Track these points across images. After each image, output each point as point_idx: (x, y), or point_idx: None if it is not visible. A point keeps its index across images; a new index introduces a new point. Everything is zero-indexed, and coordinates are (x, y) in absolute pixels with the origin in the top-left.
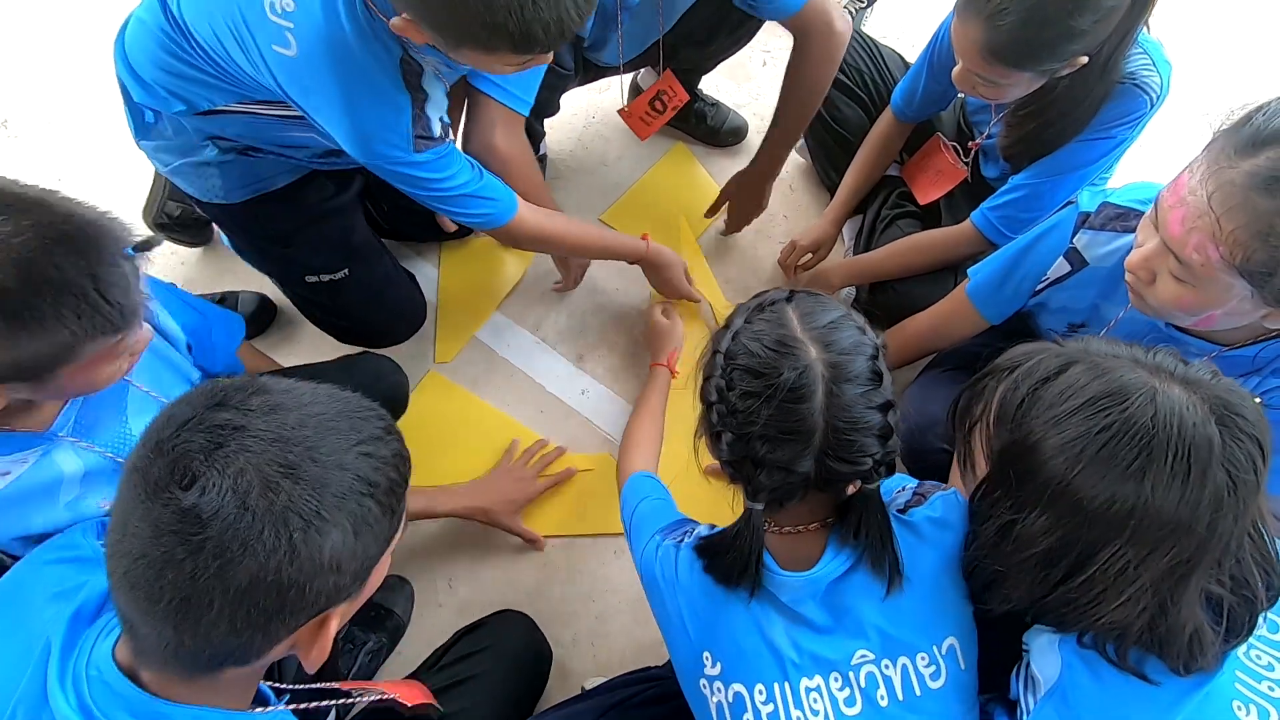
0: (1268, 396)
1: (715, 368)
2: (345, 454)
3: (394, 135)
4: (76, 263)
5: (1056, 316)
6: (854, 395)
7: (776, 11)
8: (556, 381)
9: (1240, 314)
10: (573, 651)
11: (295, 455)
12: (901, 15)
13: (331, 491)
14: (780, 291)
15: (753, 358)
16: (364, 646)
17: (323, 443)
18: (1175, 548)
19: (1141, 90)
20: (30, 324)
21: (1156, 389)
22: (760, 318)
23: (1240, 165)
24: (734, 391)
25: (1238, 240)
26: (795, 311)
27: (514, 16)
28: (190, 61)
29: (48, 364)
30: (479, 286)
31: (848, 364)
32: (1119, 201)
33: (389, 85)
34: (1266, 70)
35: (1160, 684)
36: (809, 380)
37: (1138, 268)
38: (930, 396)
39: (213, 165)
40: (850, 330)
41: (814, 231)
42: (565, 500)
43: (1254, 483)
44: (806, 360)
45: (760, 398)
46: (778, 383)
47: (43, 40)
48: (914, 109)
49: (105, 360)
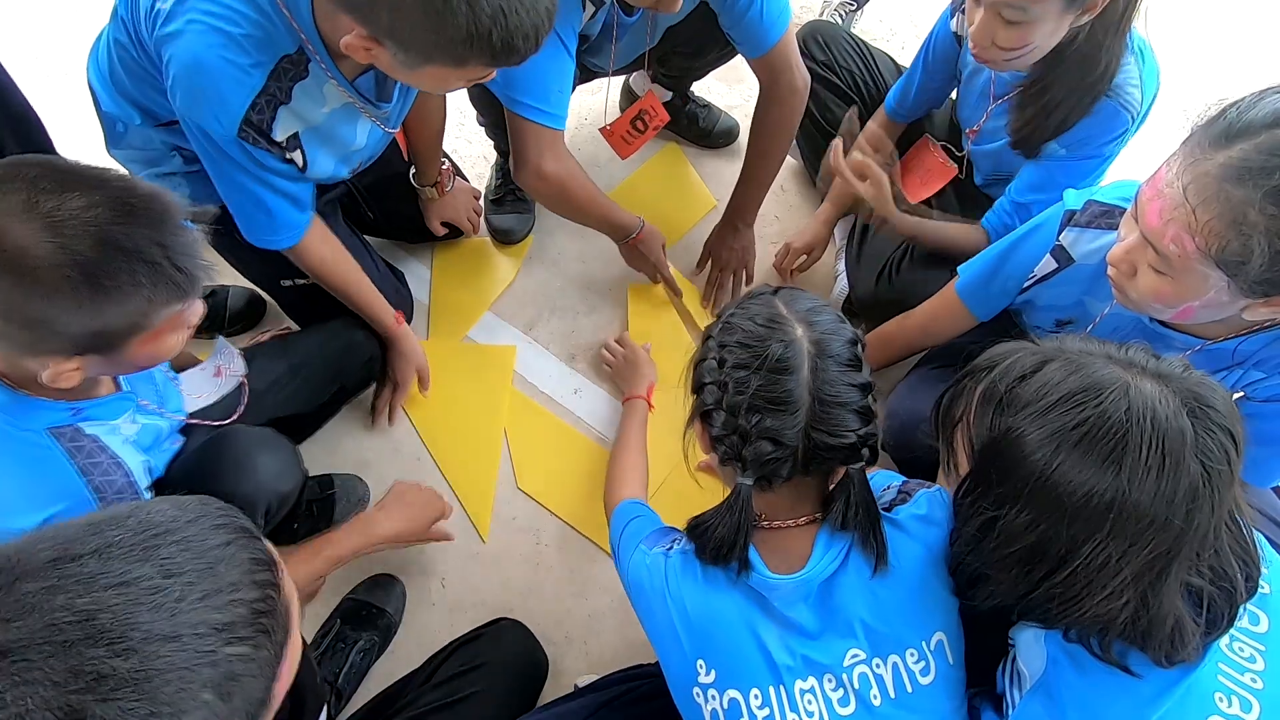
0: (1250, 389)
1: (707, 351)
2: (172, 618)
3: (223, 105)
4: (147, 233)
5: (1044, 313)
6: (836, 371)
7: (750, 45)
8: (549, 381)
9: (1218, 306)
10: (565, 650)
11: (94, 660)
12: (891, 18)
13: (163, 679)
14: (766, 286)
15: (743, 333)
16: (355, 645)
17: (130, 623)
18: (1154, 540)
19: (1122, 108)
20: (111, 291)
21: (1129, 383)
22: (749, 303)
23: (1214, 157)
24: (725, 366)
25: (1213, 230)
26: (781, 299)
27: (499, 26)
28: (145, 70)
29: (125, 333)
30: (471, 286)
31: (830, 342)
32: (1104, 199)
33: (250, 58)
34: (1245, 66)
35: (1144, 676)
36: (795, 353)
37: (1119, 261)
38: (919, 393)
39: (179, 175)
40: (830, 315)
41: (807, 233)
42: (562, 477)
43: (1228, 473)
44: (794, 335)
45: (750, 369)
46: (766, 353)
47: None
48: (908, 107)
49: (171, 330)
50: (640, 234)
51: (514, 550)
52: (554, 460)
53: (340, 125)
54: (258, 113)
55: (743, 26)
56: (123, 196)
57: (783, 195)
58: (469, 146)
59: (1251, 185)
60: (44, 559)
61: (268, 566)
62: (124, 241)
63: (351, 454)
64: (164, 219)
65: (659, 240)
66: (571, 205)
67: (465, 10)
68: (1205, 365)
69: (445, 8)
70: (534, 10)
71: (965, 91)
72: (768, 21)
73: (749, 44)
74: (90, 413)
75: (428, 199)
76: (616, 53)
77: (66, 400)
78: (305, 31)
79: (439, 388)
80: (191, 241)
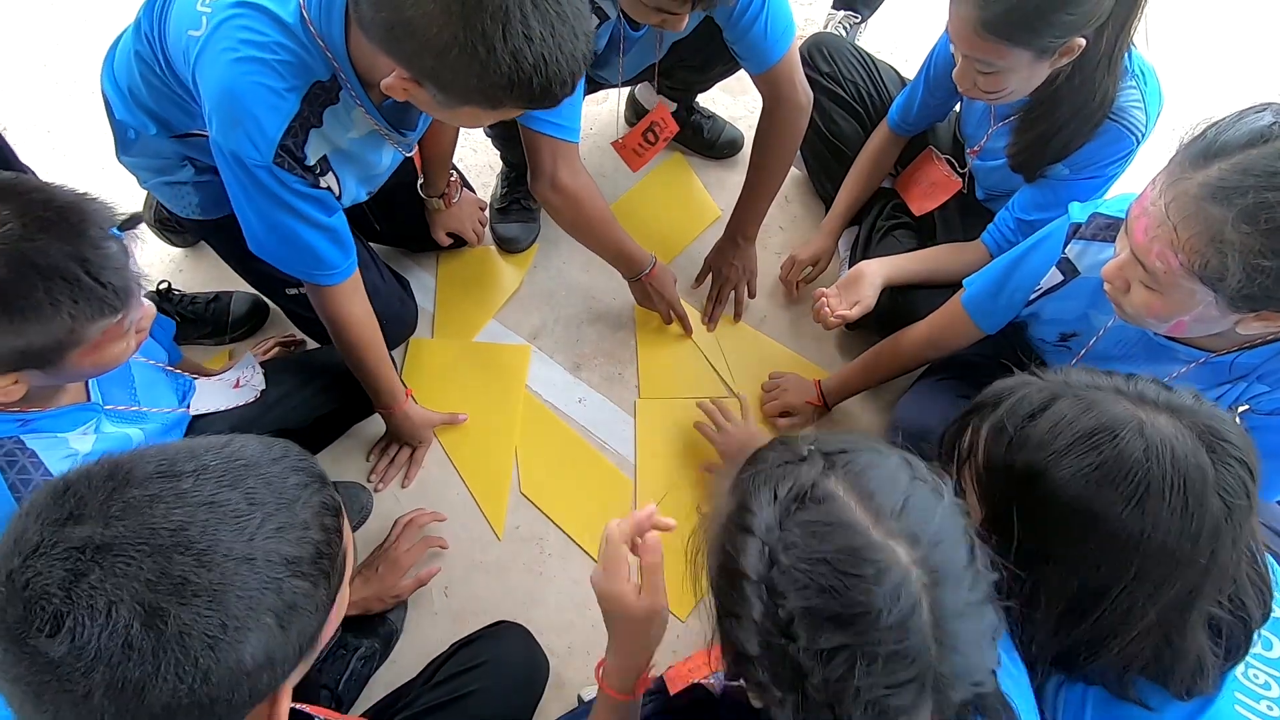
0: (1254, 402)
1: (748, 603)
2: (250, 542)
3: (259, 130)
4: (63, 248)
5: (1049, 326)
6: (961, 600)
7: (754, 61)
8: (554, 390)
9: (1210, 320)
10: (568, 661)
11: (180, 566)
12: (895, 32)
13: (236, 594)
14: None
15: (820, 594)
16: (356, 651)
17: (215, 539)
18: (1180, 579)
19: (1127, 130)
20: (28, 312)
21: (1144, 420)
22: (803, 514)
23: (1194, 176)
24: (796, 647)
25: (1194, 247)
26: (845, 487)
27: (539, 74)
28: (165, 83)
29: (55, 349)
30: (476, 295)
31: (946, 557)
32: (1108, 212)
33: (285, 82)
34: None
35: (1162, 712)
36: (907, 596)
37: (1113, 276)
38: (925, 405)
39: (189, 184)
40: (925, 496)
41: (812, 245)
42: (565, 485)
43: (1246, 506)
44: (900, 570)
45: (851, 653)
46: (879, 626)
47: (42, 47)
48: (910, 121)
49: (112, 340)
50: (653, 271)
51: (517, 559)
52: (559, 467)
53: (366, 150)
54: (292, 136)
55: (747, 42)
56: (37, 210)
57: (786, 206)
58: (474, 155)
59: (1227, 204)
60: (150, 470)
61: (335, 514)
62: (38, 259)
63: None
64: (83, 231)
65: (671, 278)
66: (585, 221)
67: (509, 59)
68: (1209, 378)
69: (490, 57)
70: (573, 58)
71: (967, 109)
72: (772, 39)
73: (753, 60)
74: (39, 424)
75: (434, 209)
76: (623, 66)
77: (16, 411)
78: (338, 60)
79: (454, 386)
80: (115, 253)
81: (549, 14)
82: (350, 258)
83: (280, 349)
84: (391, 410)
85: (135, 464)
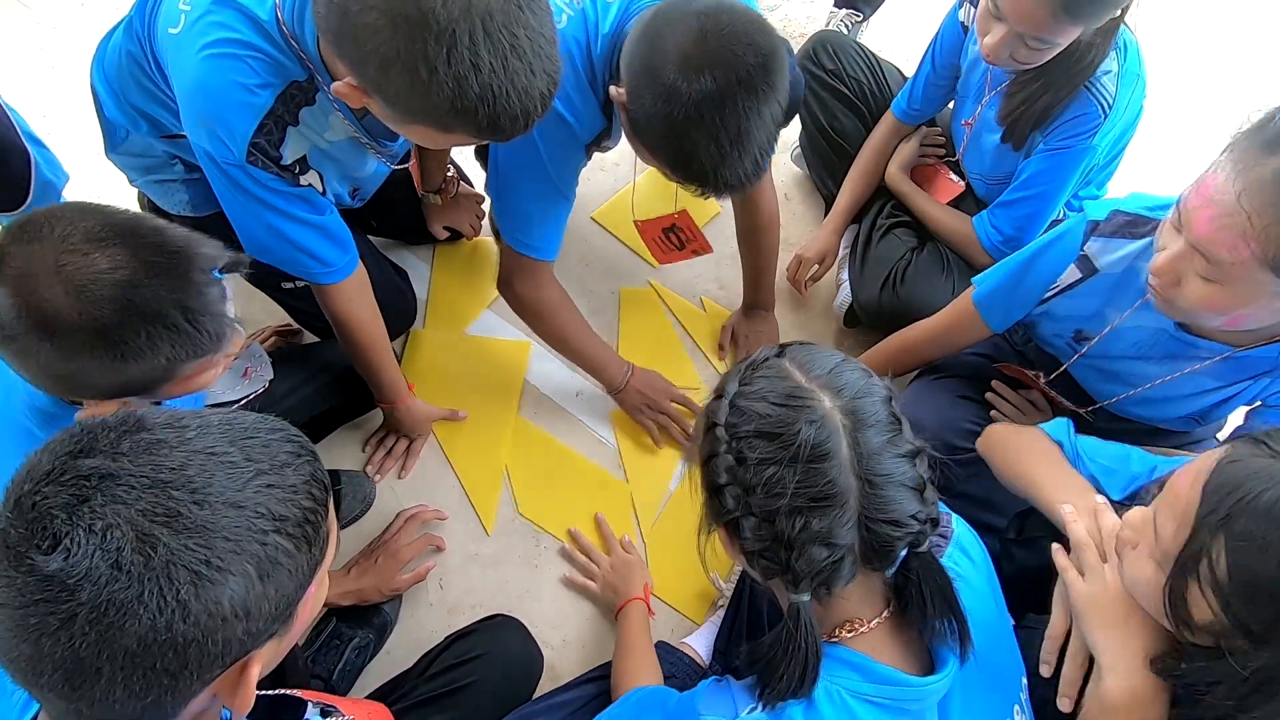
0: (1270, 397)
1: (718, 443)
2: (241, 490)
3: (228, 128)
4: (169, 296)
5: (1062, 324)
6: (880, 442)
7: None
8: (549, 383)
9: (1268, 312)
10: (563, 654)
11: (175, 500)
12: (898, 30)
13: (223, 536)
14: (769, 349)
15: (761, 419)
16: (350, 642)
17: (210, 481)
18: None
19: (1095, 99)
20: (130, 354)
21: None
22: (756, 376)
23: (1268, 163)
24: (746, 464)
25: (1270, 235)
26: (793, 362)
27: (486, 106)
28: (155, 83)
29: (153, 383)
30: (472, 284)
31: (864, 407)
32: (1128, 209)
33: (258, 78)
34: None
35: None
36: (830, 431)
37: (1163, 271)
38: (924, 404)
39: (179, 181)
40: (855, 370)
41: (817, 243)
42: (561, 502)
43: None
44: (822, 409)
45: (779, 463)
46: (797, 441)
47: (39, 31)
48: (916, 106)
49: (201, 372)
50: (630, 382)
51: (513, 552)
52: (552, 483)
53: (346, 154)
54: (265, 134)
55: None
56: (149, 254)
57: (787, 204)
58: (471, 147)
59: None
60: (160, 420)
61: (324, 489)
62: (145, 306)
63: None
64: (188, 276)
65: (658, 379)
66: (547, 333)
67: (451, 85)
68: (1229, 374)
69: (431, 79)
70: (526, 94)
71: (963, 86)
72: None
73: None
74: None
75: (431, 204)
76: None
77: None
78: (311, 62)
79: (454, 379)
80: (216, 298)
81: (501, 45)
82: (350, 254)
83: (278, 339)
84: (394, 405)
85: (147, 415)
